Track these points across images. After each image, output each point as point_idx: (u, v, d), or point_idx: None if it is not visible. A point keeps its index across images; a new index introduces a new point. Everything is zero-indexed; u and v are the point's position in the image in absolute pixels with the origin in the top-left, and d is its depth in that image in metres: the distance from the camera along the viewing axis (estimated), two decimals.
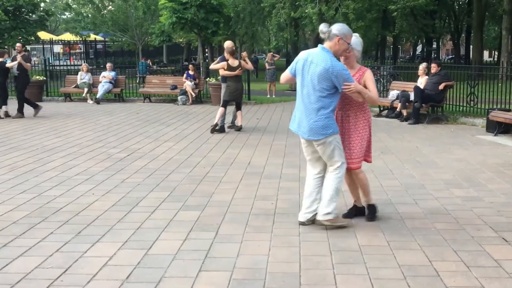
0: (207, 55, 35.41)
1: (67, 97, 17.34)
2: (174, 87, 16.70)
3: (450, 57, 58.80)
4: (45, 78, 17.90)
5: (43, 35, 35.37)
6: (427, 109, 11.80)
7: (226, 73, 10.53)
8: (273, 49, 34.60)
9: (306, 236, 4.50)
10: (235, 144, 9.14)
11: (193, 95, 16.12)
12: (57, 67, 22.68)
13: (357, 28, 21.10)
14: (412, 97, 11.88)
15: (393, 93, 12.96)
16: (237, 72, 10.52)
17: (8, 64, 12.69)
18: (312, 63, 4.51)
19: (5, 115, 12.60)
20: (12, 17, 27.57)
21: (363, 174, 4.86)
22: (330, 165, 4.65)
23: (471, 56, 33.67)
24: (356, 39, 4.73)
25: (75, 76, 17.71)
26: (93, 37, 38.62)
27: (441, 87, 11.61)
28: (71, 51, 41.92)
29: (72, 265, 3.88)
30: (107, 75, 17.08)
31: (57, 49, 42.65)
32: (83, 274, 3.73)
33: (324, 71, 4.41)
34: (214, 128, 10.35)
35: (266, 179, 6.54)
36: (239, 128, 10.68)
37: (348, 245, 4.28)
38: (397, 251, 4.14)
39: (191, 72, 16.44)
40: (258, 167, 7.24)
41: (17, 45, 13.38)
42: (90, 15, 34.60)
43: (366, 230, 4.64)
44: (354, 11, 22.35)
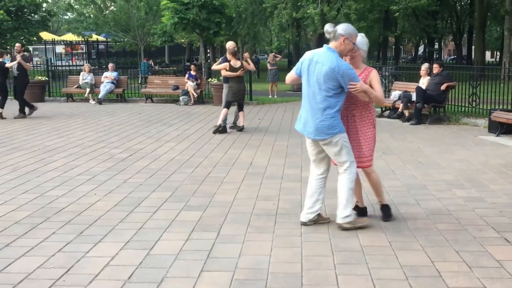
0: (209, 55, 35.41)
1: (69, 97, 17.34)
2: (176, 88, 16.70)
3: (452, 57, 58.72)
4: (47, 78, 17.90)
5: (45, 35, 35.40)
6: (429, 109, 11.78)
7: (228, 73, 10.53)
8: (275, 50, 34.68)
9: (308, 236, 4.50)
10: (237, 144, 9.14)
11: (195, 95, 16.12)
12: (59, 68, 22.71)
13: (359, 28, 20.92)
14: (414, 98, 11.87)
15: (395, 94, 12.93)
16: (239, 72, 10.52)
17: (7, 64, 12.64)
18: (317, 63, 4.49)
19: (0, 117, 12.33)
20: (14, 17, 27.58)
21: (375, 173, 4.84)
22: (339, 166, 4.64)
23: (473, 56, 33.66)
24: (361, 39, 4.71)
25: (77, 76, 17.73)
26: (95, 37, 38.67)
27: (443, 87, 11.60)
28: (73, 51, 41.89)
29: (74, 265, 3.89)
30: (109, 76, 17.07)
31: (59, 49, 42.60)
32: (85, 274, 3.73)
33: (330, 70, 4.40)
34: (217, 129, 10.34)
35: (268, 180, 6.54)
36: (241, 128, 10.68)
37: (350, 245, 4.28)
38: (399, 252, 4.14)
39: (193, 72, 16.42)
40: (260, 168, 7.24)
41: (17, 45, 13.33)
42: (92, 16, 34.68)
43: (368, 230, 4.63)
44: (356, 11, 22.37)
